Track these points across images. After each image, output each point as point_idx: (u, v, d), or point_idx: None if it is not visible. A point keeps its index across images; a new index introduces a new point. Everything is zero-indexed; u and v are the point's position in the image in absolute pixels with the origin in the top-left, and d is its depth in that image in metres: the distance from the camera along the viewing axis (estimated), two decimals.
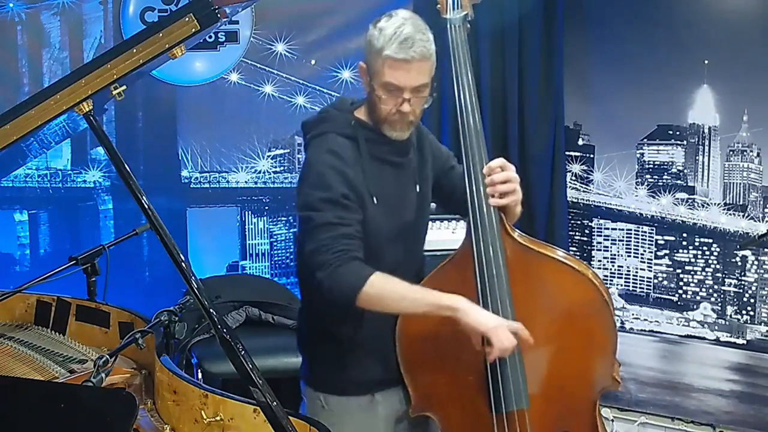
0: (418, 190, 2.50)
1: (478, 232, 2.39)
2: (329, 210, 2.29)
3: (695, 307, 4.26)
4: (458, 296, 2.28)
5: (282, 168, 4.57)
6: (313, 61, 4.49)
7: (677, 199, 4.25)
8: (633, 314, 4.42)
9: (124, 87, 2.04)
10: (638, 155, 4.32)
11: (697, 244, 4.23)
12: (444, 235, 3.78)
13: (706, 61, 4.04)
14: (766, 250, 4.03)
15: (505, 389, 2.38)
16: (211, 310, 1.99)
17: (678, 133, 4.21)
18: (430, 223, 2.66)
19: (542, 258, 2.44)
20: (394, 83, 2.30)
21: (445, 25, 2.48)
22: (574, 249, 4.52)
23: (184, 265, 2.02)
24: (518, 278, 2.40)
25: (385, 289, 2.28)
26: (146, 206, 2.04)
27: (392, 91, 2.31)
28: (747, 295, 4.12)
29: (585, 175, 4.47)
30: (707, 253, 4.21)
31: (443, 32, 2.48)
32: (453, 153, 2.67)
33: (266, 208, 4.63)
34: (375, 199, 2.38)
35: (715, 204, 4.16)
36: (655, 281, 4.36)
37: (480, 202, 2.40)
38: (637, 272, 4.41)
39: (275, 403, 1.92)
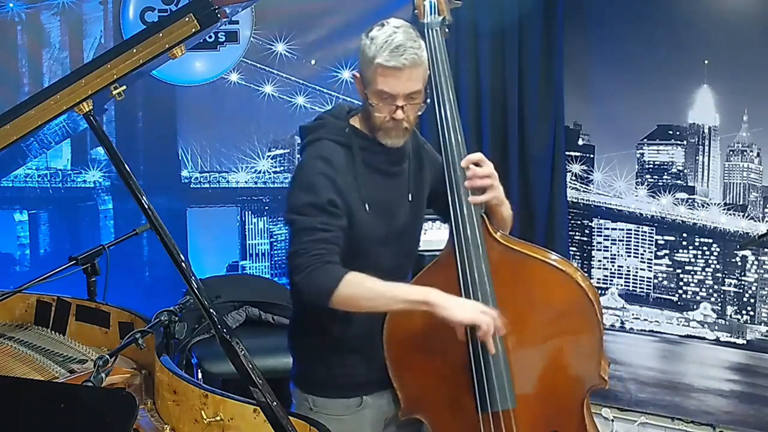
0: (410, 198, 2.51)
1: (459, 235, 2.40)
2: (313, 215, 2.32)
3: (695, 307, 4.26)
4: (430, 289, 2.28)
5: (282, 168, 4.56)
6: (313, 61, 4.49)
7: (677, 199, 4.25)
8: (633, 314, 4.42)
9: (124, 87, 2.04)
10: (638, 155, 4.32)
11: (697, 244, 4.23)
12: (444, 235, 3.77)
13: (706, 61, 4.04)
14: (766, 250, 4.03)
15: (490, 389, 2.38)
16: (211, 310, 1.99)
17: (678, 133, 4.21)
18: (430, 223, 2.66)
19: (525, 258, 2.45)
20: (386, 91, 2.31)
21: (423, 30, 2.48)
22: (574, 249, 4.52)
23: (184, 265, 2.02)
24: (502, 279, 2.40)
25: (358, 288, 2.28)
26: (146, 206, 2.04)
27: (385, 98, 2.33)
28: (747, 295, 4.12)
29: (585, 175, 4.47)
30: (707, 253, 4.21)
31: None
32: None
33: (266, 208, 4.63)
34: (367, 207, 2.39)
35: (715, 204, 4.16)
36: (655, 281, 4.36)
37: (461, 203, 2.41)
38: (637, 272, 4.41)
39: (275, 403, 1.92)
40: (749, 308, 4.12)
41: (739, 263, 4.13)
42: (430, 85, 2.45)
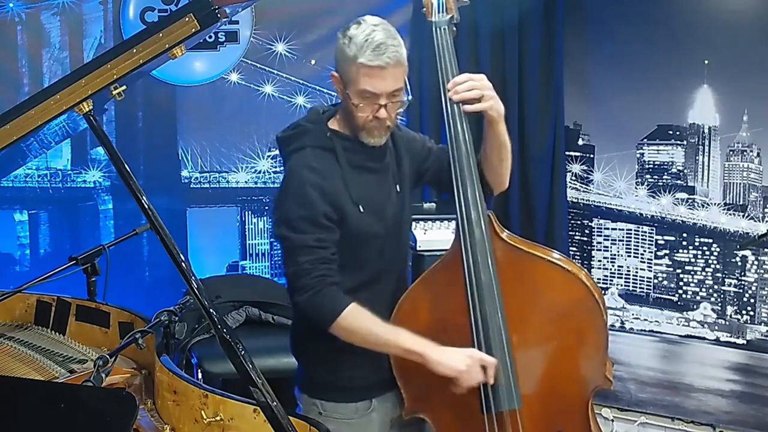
0: (398, 189, 2.52)
1: (466, 235, 2.40)
2: (309, 231, 2.32)
3: (695, 307, 4.26)
4: (427, 343, 2.32)
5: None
6: (313, 61, 4.49)
7: (677, 199, 4.25)
8: (633, 314, 4.42)
9: (124, 87, 2.04)
10: (638, 155, 4.32)
11: (697, 244, 4.23)
12: (444, 235, 3.78)
13: (706, 61, 4.04)
14: (766, 250, 4.03)
15: (495, 389, 2.38)
16: (211, 310, 1.99)
17: (678, 133, 4.21)
18: (430, 223, 2.67)
19: (531, 258, 2.45)
20: (370, 90, 2.30)
21: (431, 28, 2.49)
22: (574, 249, 4.52)
23: (184, 265, 2.02)
24: (508, 278, 2.40)
25: (356, 326, 2.33)
26: (146, 206, 2.05)
27: (368, 98, 2.32)
28: (747, 295, 4.12)
29: (585, 175, 4.47)
30: (707, 253, 4.21)
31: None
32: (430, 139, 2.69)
33: (266, 208, 4.63)
34: (360, 207, 2.39)
35: (715, 204, 4.16)
36: (655, 281, 4.36)
37: (467, 204, 2.41)
38: (637, 272, 4.41)
39: (275, 403, 1.92)
40: (749, 308, 4.12)
41: (739, 263, 4.13)
42: (437, 83, 2.45)
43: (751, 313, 4.11)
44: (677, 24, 4.10)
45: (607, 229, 4.47)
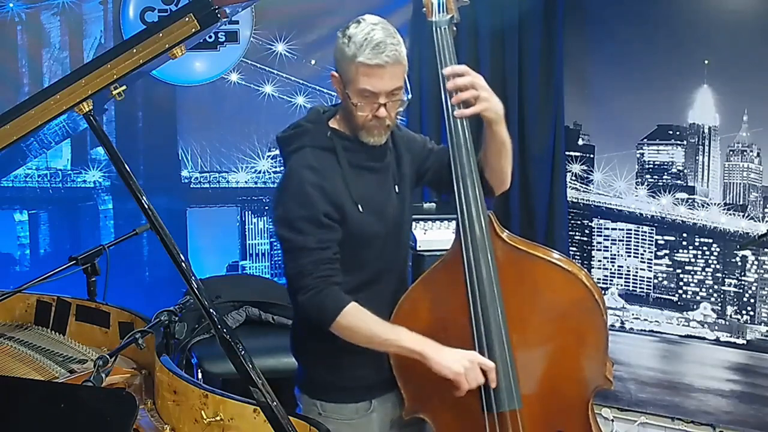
0: (397, 190, 2.51)
1: (466, 235, 2.40)
2: (309, 232, 2.32)
3: (695, 307, 4.26)
4: (425, 340, 2.33)
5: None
6: (313, 61, 4.49)
7: (677, 199, 4.25)
8: (633, 314, 4.42)
9: (124, 87, 2.04)
10: (638, 155, 4.32)
11: (697, 244, 4.23)
12: (444, 235, 3.78)
13: (706, 61, 4.04)
14: (766, 250, 4.03)
15: (495, 390, 2.38)
16: (211, 310, 1.99)
17: (678, 133, 4.21)
18: (430, 223, 2.67)
19: (531, 258, 2.45)
20: (369, 89, 2.30)
21: (431, 28, 2.49)
22: (574, 249, 4.52)
23: (184, 265, 2.02)
24: (508, 278, 2.41)
25: (356, 325, 2.33)
26: (146, 206, 2.05)
27: (368, 97, 2.31)
28: (747, 295, 4.12)
29: (585, 175, 4.47)
30: (707, 253, 4.21)
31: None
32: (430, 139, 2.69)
33: (266, 208, 4.63)
34: (360, 207, 2.39)
35: (715, 204, 4.16)
36: (655, 281, 4.36)
37: (468, 205, 2.40)
38: (637, 272, 4.41)
39: (275, 403, 1.92)
40: (749, 308, 4.12)
41: (739, 263, 4.13)
42: (437, 83, 2.45)
43: (751, 313, 4.11)
44: (677, 24, 4.11)
45: (607, 229, 4.47)
